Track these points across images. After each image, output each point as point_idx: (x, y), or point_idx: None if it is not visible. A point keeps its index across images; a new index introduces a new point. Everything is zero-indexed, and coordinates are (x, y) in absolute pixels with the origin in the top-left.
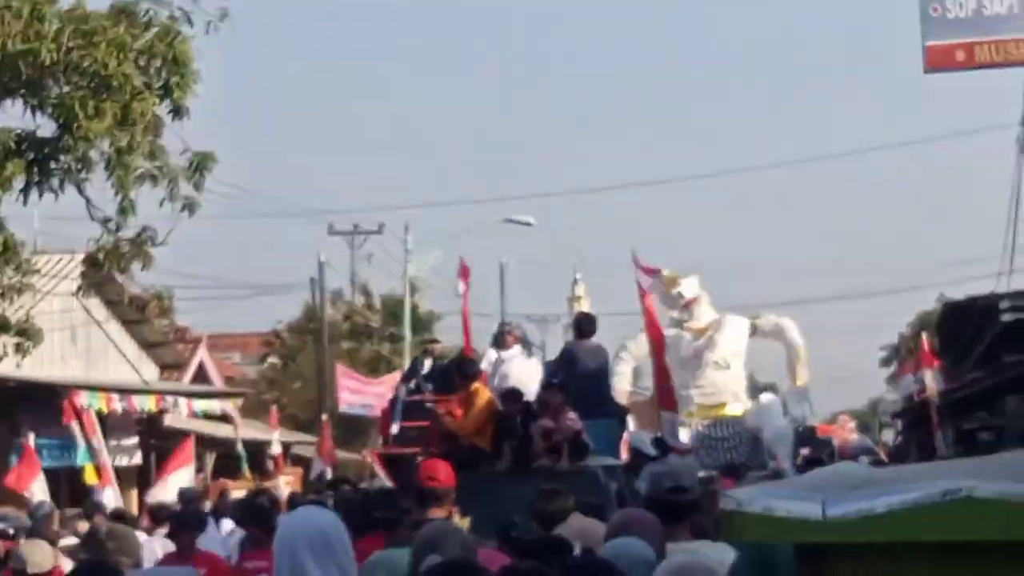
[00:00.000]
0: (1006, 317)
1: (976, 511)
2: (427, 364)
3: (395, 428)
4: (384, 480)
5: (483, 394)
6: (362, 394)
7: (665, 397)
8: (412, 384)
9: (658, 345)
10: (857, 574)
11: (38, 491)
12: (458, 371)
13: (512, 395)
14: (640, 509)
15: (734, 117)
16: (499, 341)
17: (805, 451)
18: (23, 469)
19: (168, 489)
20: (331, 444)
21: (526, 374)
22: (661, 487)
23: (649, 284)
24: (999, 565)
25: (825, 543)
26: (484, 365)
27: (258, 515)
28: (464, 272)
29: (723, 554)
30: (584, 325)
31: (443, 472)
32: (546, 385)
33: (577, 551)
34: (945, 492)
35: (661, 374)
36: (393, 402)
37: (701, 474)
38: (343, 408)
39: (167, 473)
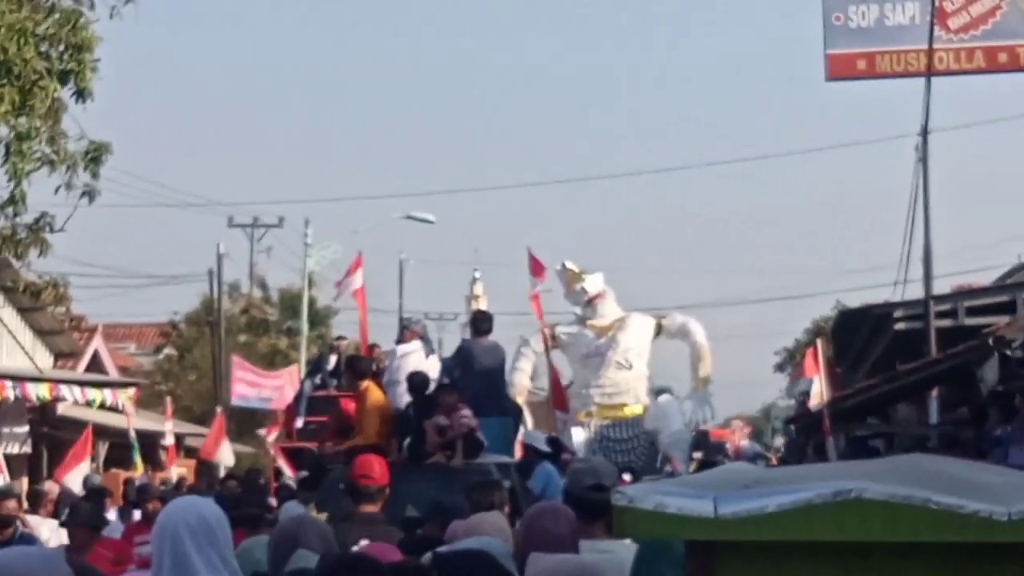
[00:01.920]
0: (900, 325)
1: (866, 512)
2: (332, 360)
3: (299, 422)
4: (286, 472)
5: (374, 391)
6: (259, 387)
7: (559, 398)
8: (317, 379)
9: (548, 348)
10: (748, 572)
11: None
12: (349, 368)
13: (418, 377)
14: (556, 502)
15: (637, 119)
16: (401, 337)
17: (698, 455)
18: None
19: (71, 478)
20: (215, 438)
21: (424, 370)
22: (582, 484)
23: (538, 284)
24: (886, 565)
25: (716, 541)
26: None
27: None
28: (354, 267)
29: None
30: (481, 323)
31: (378, 469)
32: (441, 384)
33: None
34: (836, 492)
35: (554, 375)
36: (298, 397)
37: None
38: (236, 401)
39: (72, 462)
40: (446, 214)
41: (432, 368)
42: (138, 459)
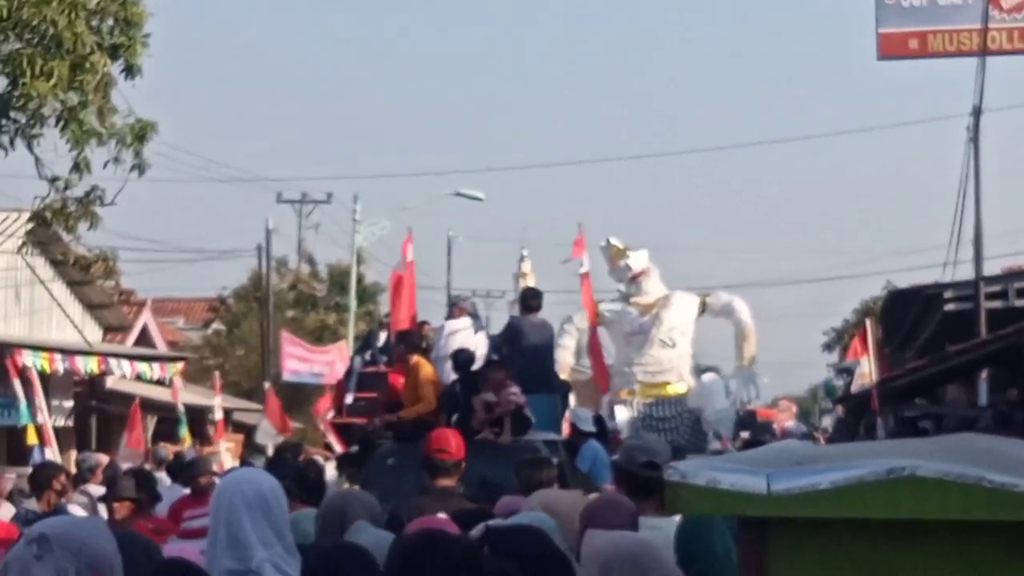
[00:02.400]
0: (949, 306)
1: (918, 489)
2: (382, 337)
3: (349, 398)
4: (336, 447)
5: (425, 366)
6: (310, 362)
7: (601, 378)
8: (367, 355)
9: (593, 328)
10: (800, 549)
11: None
12: (401, 342)
13: (463, 355)
14: (616, 495)
15: (689, 97)
16: (450, 314)
17: (745, 434)
18: None
19: (133, 453)
20: (279, 410)
21: (471, 347)
22: (635, 461)
23: (573, 262)
24: (940, 543)
25: (769, 517)
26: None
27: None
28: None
29: None
30: (530, 300)
31: (454, 443)
32: (489, 360)
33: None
34: (890, 470)
35: (597, 356)
36: (348, 373)
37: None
38: (288, 377)
39: (133, 436)
40: (495, 191)
41: (480, 345)
42: (185, 433)
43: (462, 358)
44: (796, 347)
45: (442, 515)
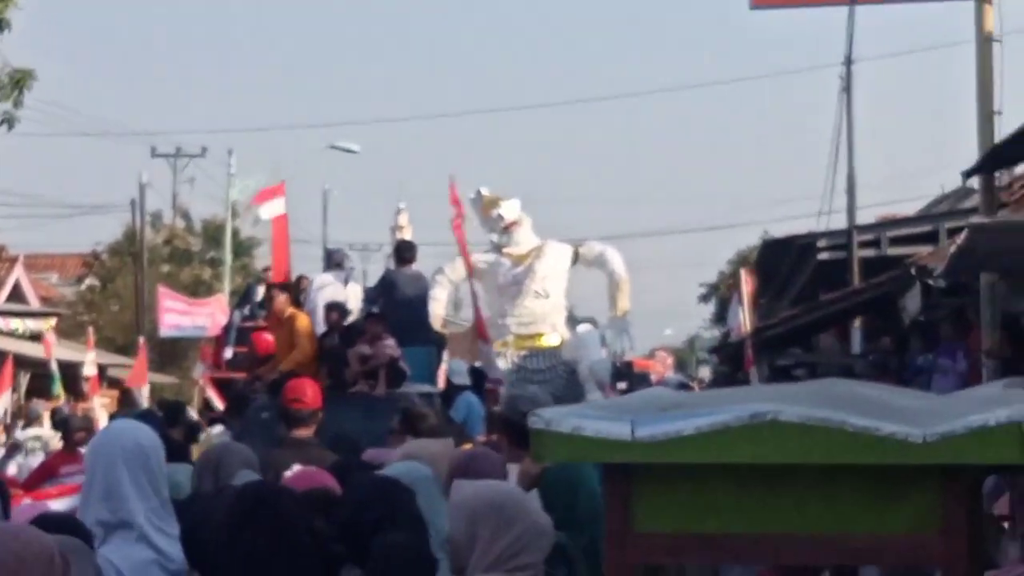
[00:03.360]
0: (823, 255)
1: (781, 434)
2: (260, 291)
3: (228, 353)
4: (215, 402)
5: (300, 318)
6: (191, 315)
7: (482, 328)
8: (246, 310)
9: (472, 276)
10: (665, 495)
11: None
12: (279, 294)
13: (334, 305)
14: (484, 447)
15: (561, 49)
16: (327, 266)
17: (622, 385)
18: None
19: None
20: (140, 368)
21: (341, 299)
22: (517, 410)
23: (457, 214)
24: (803, 487)
25: (633, 463)
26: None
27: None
28: (267, 194)
29: None
30: (404, 252)
31: (310, 393)
32: (368, 313)
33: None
34: (753, 415)
35: (479, 307)
36: (227, 328)
37: None
38: (167, 332)
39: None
40: (371, 145)
41: (352, 297)
42: (59, 389)
43: (335, 311)
44: (672, 297)
45: (297, 466)
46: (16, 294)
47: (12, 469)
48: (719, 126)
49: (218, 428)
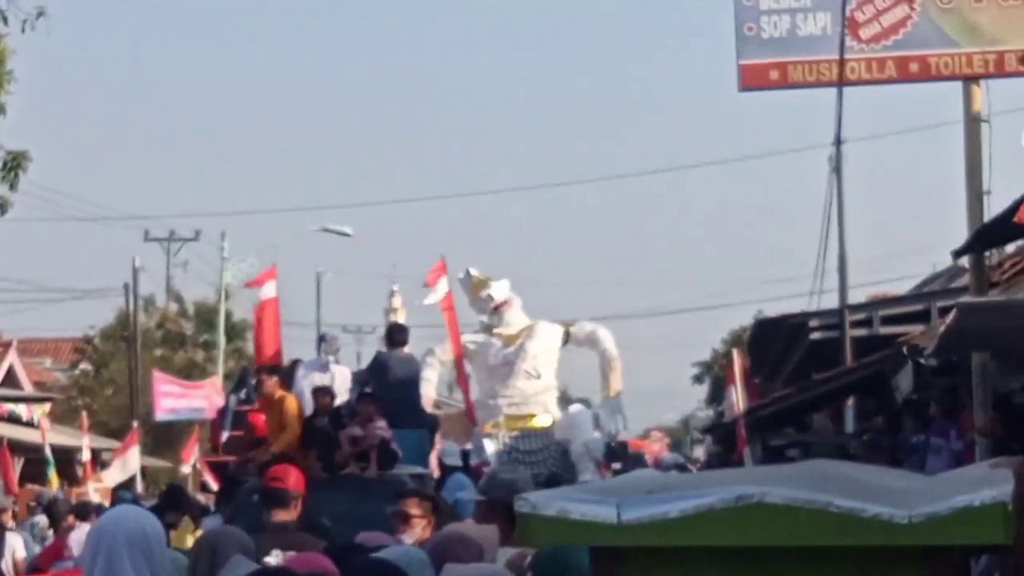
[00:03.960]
0: (815, 335)
1: (767, 516)
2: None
3: (224, 436)
4: (212, 485)
5: (289, 400)
6: (187, 398)
7: (472, 411)
8: (242, 394)
9: (460, 361)
10: None
11: None
12: (268, 377)
13: (323, 391)
14: (461, 530)
15: (554, 132)
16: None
17: (616, 465)
18: None
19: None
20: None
21: (325, 382)
22: (503, 490)
23: (430, 293)
24: (789, 569)
25: (619, 547)
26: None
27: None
28: (266, 276)
29: None
30: (395, 335)
31: (293, 476)
32: (360, 394)
33: None
34: (739, 497)
35: (466, 389)
36: (223, 411)
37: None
38: (163, 416)
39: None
40: (364, 227)
41: (339, 378)
42: (53, 474)
43: (325, 394)
44: (667, 378)
45: (277, 552)
46: (10, 379)
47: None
48: (710, 207)
49: (210, 519)
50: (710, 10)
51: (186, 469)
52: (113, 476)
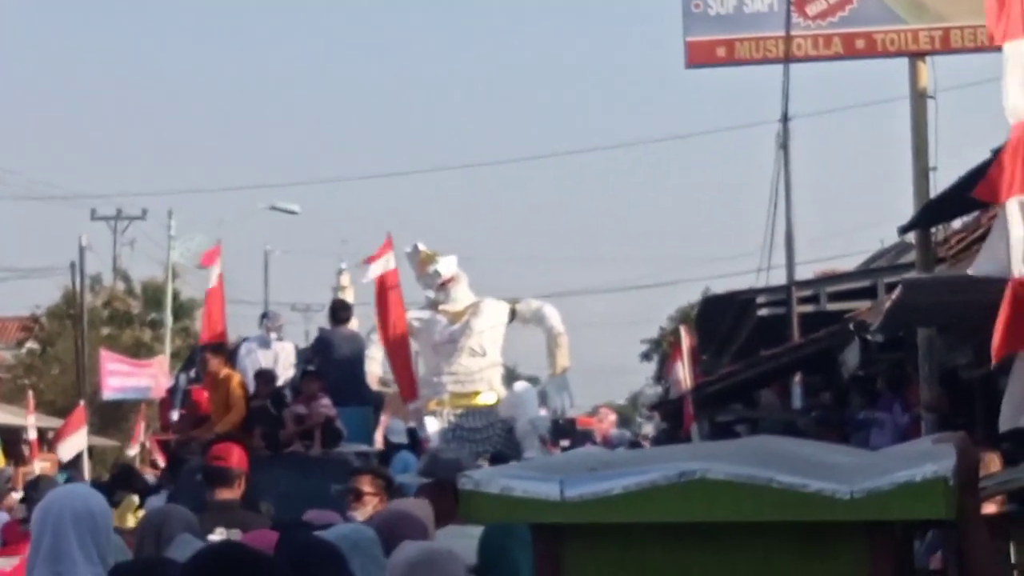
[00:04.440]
0: (763, 311)
1: (709, 492)
2: None
3: (174, 415)
4: (162, 464)
5: (234, 378)
6: (134, 377)
7: (407, 387)
8: (192, 373)
9: (401, 336)
10: (595, 554)
11: None
12: (214, 355)
13: (262, 376)
14: (405, 508)
15: (500, 108)
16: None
17: (565, 443)
18: None
19: None
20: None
21: (267, 363)
22: (436, 472)
23: (368, 269)
24: (732, 544)
25: (562, 524)
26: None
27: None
28: (213, 255)
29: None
30: (339, 312)
31: (235, 455)
32: (304, 371)
33: None
34: (681, 473)
35: (402, 364)
36: (172, 390)
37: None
38: (110, 395)
39: None
40: (311, 205)
41: (283, 355)
42: None
43: (264, 377)
44: (615, 355)
45: (220, 529)
46: None
47: None
48: (658, 184)
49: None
50: None
51: (132, 451)
52: (67, 452)
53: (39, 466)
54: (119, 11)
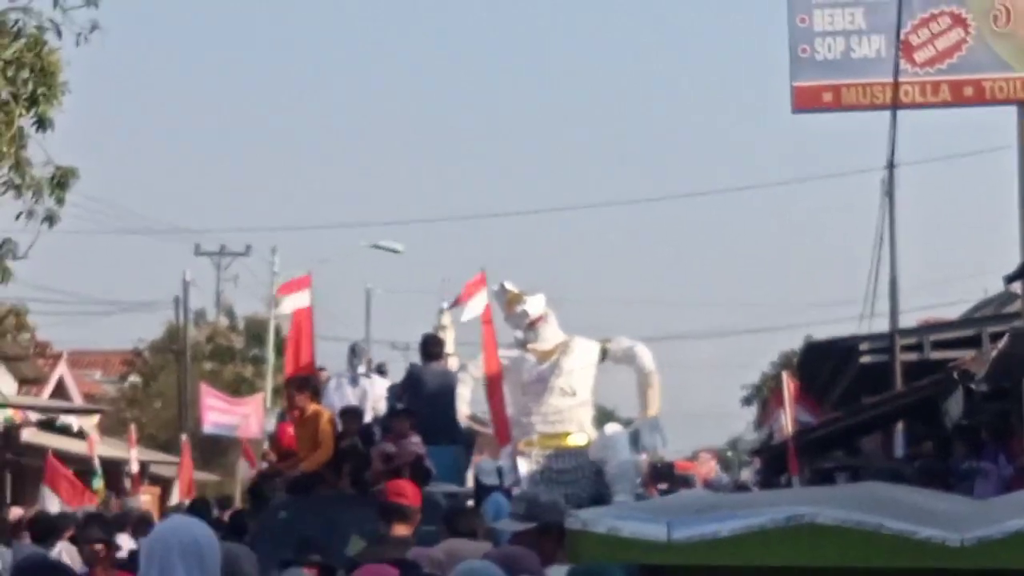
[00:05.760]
0: (865, 359)
1: (817, 537)
2: None
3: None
4: None
5: (323, 415)
6: (230, 414)
7: (503, 429)
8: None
9: (495, 378)
10: None
11: None
12: (300, 390)
13: (349, 413)
14: (524, 548)
15: (607, 151)
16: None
17: (663, 486)
18: None
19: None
20: (188, 471)
21: (354, 399)
22: (541, 510)
23: (456, 307)
24: None
25: (669, 565)
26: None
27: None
28: (292, 286)
29: None
30: (430, 347)
31: (411, 492)
32: (394, 409)
33: None
34: (789, 517)
35: (498, 404)
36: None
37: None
38: (209, 429)
39: (58, 488)
40: (414, 244)
41: (378, 388)
42: (99, 485)
43: (351, 413)
44: (716, 399)
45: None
46: (60, 391)
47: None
48: (764, 229)
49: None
50: (764, 31)
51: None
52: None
53: (141, 500)
54: (227, 46)
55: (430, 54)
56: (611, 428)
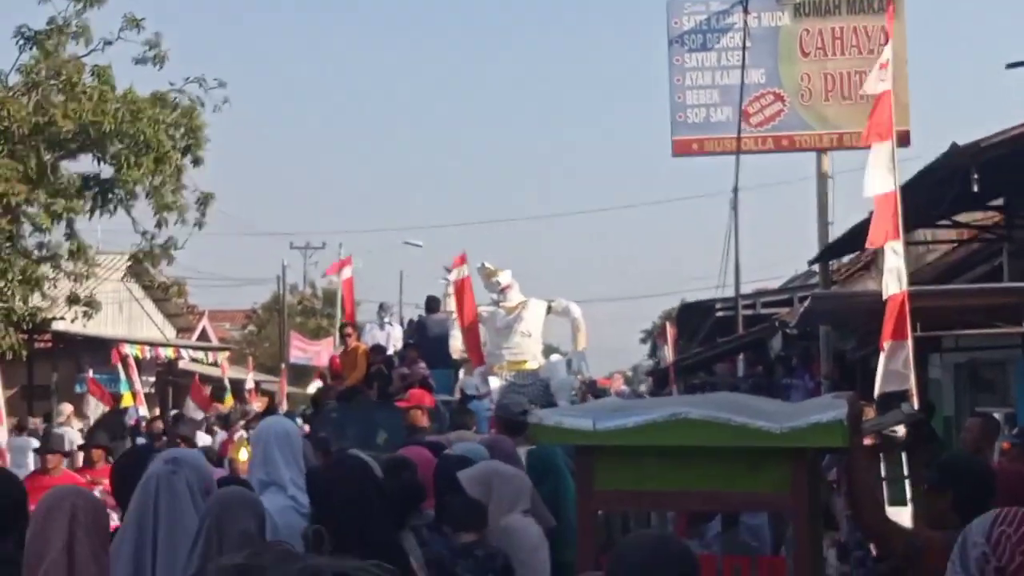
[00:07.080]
0: (719, 314)
1: (690, 427)
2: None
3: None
4: None
5: (361, 347)
6: (306, 351)
7: (476, 357)
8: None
9: (473, 322)
10: (617, 468)
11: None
12: (340, 332)
13: (376, 348)
14: (501, 436)
15: (595, 160)
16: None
17: (591, 397)
18: (95, 390)
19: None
20: (284, 387)
21: (381, 341)
22: (512, 411)
23: (451, 272)
24: (705, 462)
25: (595, 446)
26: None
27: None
28: (337, 266)
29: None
30: (431, 304)
31: (427, 398)
32: (406, 345)
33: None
34: (672, 414)
35: (473, 341)
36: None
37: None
38: (292, 360)
39: (199, 398)
40: (432, 241)
41: (394, 337)
42: (228, 397)
43: (377, 349)
44: (623, 340)
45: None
46: (203, 335)
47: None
48: (656, 230)
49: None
50: (658, 101)
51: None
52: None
53: (256, 406)
54: (325, 63)
55: (449, 66)
56: (555, 358)
